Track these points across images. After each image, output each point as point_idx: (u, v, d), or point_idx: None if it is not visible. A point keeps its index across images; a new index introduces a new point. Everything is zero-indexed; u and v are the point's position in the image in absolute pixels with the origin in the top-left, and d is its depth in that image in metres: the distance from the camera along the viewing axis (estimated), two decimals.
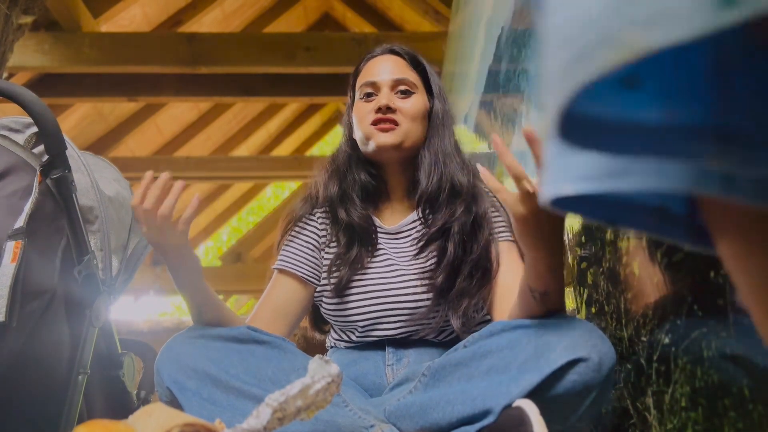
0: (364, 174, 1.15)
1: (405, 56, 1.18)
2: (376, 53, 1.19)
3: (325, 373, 0.74)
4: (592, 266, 1.15)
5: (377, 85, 1.14)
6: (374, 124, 1.11)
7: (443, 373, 0.91)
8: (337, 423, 0.87)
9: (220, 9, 4.15)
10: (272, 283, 1.16)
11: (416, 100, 1.14)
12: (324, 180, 1.18)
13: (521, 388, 0.79)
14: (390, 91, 1.13)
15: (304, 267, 1.15)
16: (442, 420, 0.85)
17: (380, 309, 1.09)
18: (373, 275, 1.12)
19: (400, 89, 1.14)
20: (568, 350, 0.79)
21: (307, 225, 1.19)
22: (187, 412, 0.89)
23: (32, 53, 3.22)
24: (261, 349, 0.95)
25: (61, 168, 1.04)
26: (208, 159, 4.93)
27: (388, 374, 1.07)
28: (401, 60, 1.18)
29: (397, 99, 1.12)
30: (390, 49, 1.19)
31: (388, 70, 1.15)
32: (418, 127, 1.13)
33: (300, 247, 1.17)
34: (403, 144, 1.11)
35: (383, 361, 1.09)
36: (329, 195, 1.16)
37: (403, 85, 1.14)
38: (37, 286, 0.97)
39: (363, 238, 1.13)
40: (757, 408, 0.66)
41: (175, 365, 0.92)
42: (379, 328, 1.09)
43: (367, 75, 1.16)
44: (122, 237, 1.20)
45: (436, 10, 3.68)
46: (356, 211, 1.13)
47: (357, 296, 1.11)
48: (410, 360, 1.07)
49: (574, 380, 0.78)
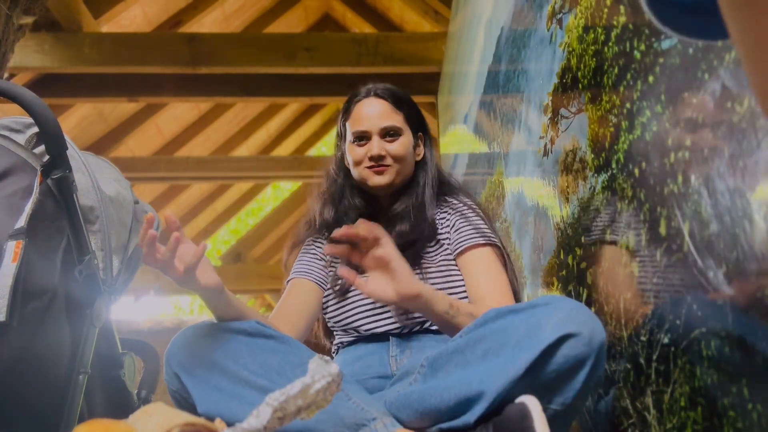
0: (359, 200, 1.30)
1: (389, 99, 1.30)
2: (362, 96, 1.31)
3: (325, 373, 0.74)
4: (592, 266, 1.15)
5: (368, 134, 1.27)
6: (369, 167, 1.26)
7: (441, 362, 0.94)
8: (339, 415, 0.89)
9: (220, 9, 4.15)
10: (288, 291, 1.27)
11: (402, 141, 1.28)
12: (320, 207, 1.33)
13: (517, 367, 0.82)
14: (379, 138, 1.26)
15: (315, 273, 1.28)
16: (440, 404, 0.87)
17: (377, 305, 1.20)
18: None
19: (388, 133, 1.27)
20: (558, 327, 0.81)
21: (312, 245, 1.33)
22: (194, 398, 0.93)
23: (33, 53, 3.22)
24: (269, 342, 0.99)
25: (62, 168, 1.04)
26: (208, 159, 4.93)
27: (392, 365, 1.14)
28: (386, 104, 1.29)
29: (386, 144, 1.26)
30: (374, 91, 1.31)
31: (377, 116, 1.28)
32: (406, 163, 1.28)
33: (309, 260, 1.31)
34: (395, 181, 1.27)
35: (387, 352, 1.16)
36: (325, 220, 1.30)
37: (391, 130, 1.27)
38: (37, 286, 0.97)
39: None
40: (756, 408, 0.66)
41: (184, 352, 0.96)
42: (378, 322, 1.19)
43: (357, 122, 1.28)
44: (123, 237, 1.20)
45: (436, 10, 3.68)
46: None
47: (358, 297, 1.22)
48: (413, 351, 1.14)
49: (566, 354, 0.81)
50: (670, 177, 0.84)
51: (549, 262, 1.44)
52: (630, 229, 0.97)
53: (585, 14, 1.16)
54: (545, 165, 1.44)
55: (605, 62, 1.05)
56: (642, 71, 0.92)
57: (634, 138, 0.95)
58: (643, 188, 0.93)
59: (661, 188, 0.87)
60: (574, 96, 1.22)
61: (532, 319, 0.85)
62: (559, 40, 1.30)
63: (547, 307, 0.86)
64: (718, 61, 0.72)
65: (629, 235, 0.98)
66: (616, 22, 1.01)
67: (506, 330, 0.88)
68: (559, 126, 1.33)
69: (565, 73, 1.27)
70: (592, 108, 1.12)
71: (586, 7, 1.15)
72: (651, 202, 0.90)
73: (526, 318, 0.86)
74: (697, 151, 0.77)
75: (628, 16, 0.98)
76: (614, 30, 1.02)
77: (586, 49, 1.14)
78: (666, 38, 0.85)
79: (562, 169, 1.31)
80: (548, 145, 1.41)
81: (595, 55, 1.10)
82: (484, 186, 2.25)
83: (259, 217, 8.41)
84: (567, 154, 1.27)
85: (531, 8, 1.54)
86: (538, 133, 1.49)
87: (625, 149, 0.98)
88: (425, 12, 3.75)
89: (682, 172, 0.81)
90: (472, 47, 2.42)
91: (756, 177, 0.65)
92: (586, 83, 1.15)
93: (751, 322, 0.67)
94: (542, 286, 1.50)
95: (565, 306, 0.85)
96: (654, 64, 0.88)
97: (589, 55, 1.13)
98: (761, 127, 0.64)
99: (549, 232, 1.43)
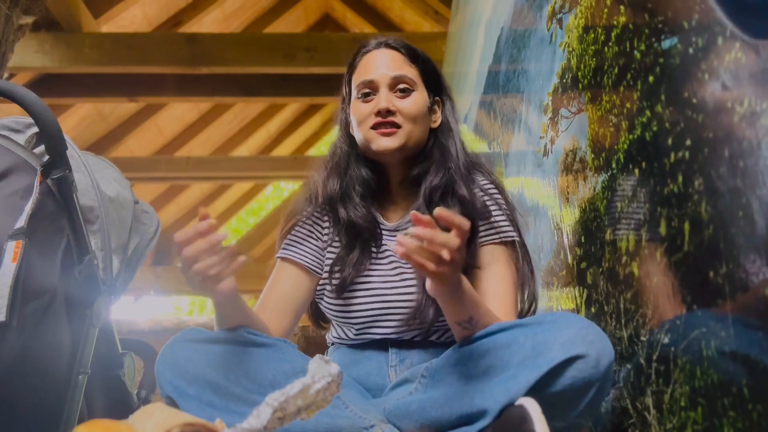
0: (365, 170, 1.12)
1: (402, 50, 1.13)
2: (371, 47, 1.14)
3: (325, 373, 0.74)
4: (592, 266, 1.15)
5: (375, 84, 1.09)
6: (374, 127, 1.07)
7: (442, 373, 0.91)
8: (337, 425, 0.87)
9: (220, 9, 4.15)
10: (276, 272, 1.14)
11: (416, 98, 1.10)
12: (323, 178, 1.15)
13: (519, 386, 0.79)
14: (388, 90, 1.09)
15: (307, 257, 1.14)
16: (441, 418, 0.85)
17: (379, 308, 1.08)
18: (375, 273, 1.11)
19: (399, 88, 1.09)
20: (565, 348, 0.79)
21: (310, 222, 1.17)
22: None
23: (33, 54, 3.22)
24: (260, 351, 0.94)
25: (62, 168, 1.04)
26: (208, 159, 4.93)
27: (391, 375, 1.07)
28: (398, 54, 1.12)
29: (396, 99, 1.08)
30: (386, 42, 1.14)
31: (385, 66, 1.10)
32: (420, 126, 1.10)
33: (303, 239, 1.15)
34: (406, 146, 1.08)
35: (386, 362, 1.08)
36: (329, 193, 1.13)
37: (402, 83, 1.09)
38: (37, 286, 0.97)
39: (365, 238, 1.11)
40: (756, 408, 0.66)
41: (174, 370, 0.90)
42: (378, 327, 1.08)
43: (364, 72, 1.11)
44: (123, 237, 1.20)
45: (436, 11, 3.68)
46: (357, 210, 1.11)
47: (359, 295, 1.09)
48: (413, 361, 1.07)
49: (573, 377, 0.78)
50: (670, 177, 0.84)
51: (548, 262, 1.44)
52: (630, 229, 0.97)
53: (585, 14, 1.15)
54: (545, 165, 1.44)
55: (605, 62, 1.05)
56: (642, 71, 0.92)
57: (634, 138, 0.95)
58: (643, 188, 0.93)
59: (661, 188, 0.86)
60: (574, 96, 1.22)
61: (539, 336, 0.82)
62: (559, 40, 1.30)
63: (554, 325, 0.83)
64: (718, 61, 0.72)
65: (629, 235, 0.98)
66: (616, 22, 1.01)
67: (511, 346, 0.84)
68: (559, 126, 1.33)
69: (565, 73, 1.27)
70: (592, 108, 1.12)
71: (586, 7, 1.15)
72: (651, 202, 0.90)
73: (532, 335, 0.83)
74: (697, 151, 0.77)
75: (628, 16, 0.98)
76: (614, 30, 1.02)
77: (586, 49, 1.14)
78: (666, 38, 0.85)
79: (562, 169, 1.31)
80: (548, 145, 1.41)
81: (595, 55, 1.10)
82: None
83: (259, 217, 8.41)
84: (567, 154, 1.27)
85: (531, 8, 1.54)
86: (538, 133, 1.49)
87: (625, 149, 0.98)
88: (425, 12, 3.75)
89: (682, 172, 0.81)
90: (472, 47, 2.42)
91: (756, 177, 0.65)
92: (586, 83, 1.15)
93: (752, 322, 0.67)
94: (542, 286, 1.50)
95: (573, 325, 0.82)
96: (654, 64, 0.88)
97: (589, 55, 1.13)
98: (761, 127, 0.64)
99: (549, 232, 1.43)
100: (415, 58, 1.13)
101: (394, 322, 1.07)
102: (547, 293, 1.47)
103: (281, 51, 3.42)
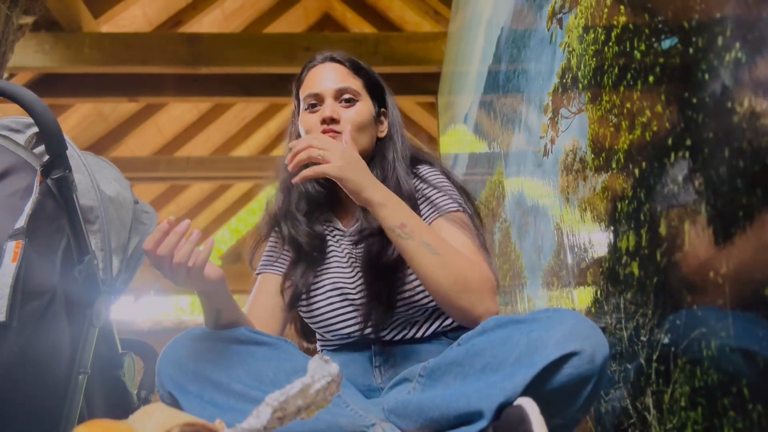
0: (311, 185, 1.18)
1: (346, 63, 1.19)
2: (317, 62, 1.21)
3: (325, 373, 0.74)
4: (592, 266, 1.15)
5: (320, 96, 1.15)
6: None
7: (439, 372, 0.92)
8: (338, 423, 0.88)
9: (220, 9, 4.15)
10: (258, 286, 1.19)
11: (360, 107, 1.15)
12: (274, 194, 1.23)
13: (515, 385, 0.79)
14: (334, 100, 1.14)
15: (283, 267, 1.19)
16: (440, 418, 0.86)
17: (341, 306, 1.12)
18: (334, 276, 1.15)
19: (343, 98, 1.15)
20: (560, 344, 0.79)
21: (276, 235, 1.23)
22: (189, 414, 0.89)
23: (33, 53, 3.22)
24: (262, 350, 0.96)
25: (62, 168, 1.04)
26: (208, 159, 4.93)
27: (377, 376, 1.09)
28: (342, 68, 1.18)
29: (341, 108, 1.13)
30: (330, 57, 1.20)
31: (330, 79, 1.16)
32: (364, 134, 1.14)
33: (274, 252, 1.21)
34: None
35: (371, 362, 1.11)
36: (273, 211, 1.20)
37: (347, 93, 1.15)
38: (37, 286, 0.97)
39: (309, 253, 1.16)
40: (756, 408, 0.66)
41: (176, 368, 0.92)
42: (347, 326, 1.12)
43: (310, 86, 1.17)
44: (123, 237, 1.20)
45: (436, 11, 3.68)
46: (300, 227, 1.16)
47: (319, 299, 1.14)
48: (397, 360, 1.09)
49: (569, 373, 0.78)
50: (670, 177, 0.84)
51: (548, 262, 1.44)
52: (630, 229, 0.97)
53: (585, 14, 1.16)
54: (545, 165, 1.44)
55: (605, 62, 1.05)
56: (642, 71, 0.92)
57: (634, 138, 0.95)
58: (643, 188, 0.93)
59: (661, 188, 0.86)
60: (574, 96, 1.22)
61: (534, 333, 0.82)
62: (559, 40, 1.30)
63: (549, 321, 0.83)
64: (718, 61, 0.72)
65: (629, 234, 0.98)
66: (616, 22, 1.01)
67: (506, 343, 0.85)
68: (559, 126, 1.33)
69: (565, 73, 1.27)
70: (592, 108, 1.12)
71: (586, 7, 1.15)
72: (651, 202, 0.90)
73: (527, 332, 0.83)
74: (697, 151, 0.77)
75: (628, 16, 0.98)
76: (614, 30, 1.02)
77: (586, 49, 1.14)
78: (666, 38, 0.85)
79: (562, 169, 1.31)
80: (548, 145, 1.41)
81: (595, 55, 1.10)
82: (484, 186, 2.24)
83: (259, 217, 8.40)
84: (567, 154, 1.27)
85: (531, 8, 1.54)
86: (538, 133, 1.49)
87: (625, 149, 0.98)
88: (425, 12, 3.75)
89: (682, 173, 0.81)
90: (472, 47, 2.42)
91: (756, 177, 0.65)
92: (586, 83, 1.15)
93: (752, 322, 0.67)
94: (542, 287, 1.50)
95: (567, 321, 0.82)
96: (654, 64, 0.88)
97: (589, 55, 1.13)
98: (761, 126, 0.64)
99: (549, 232, 1.43)
100: (358, 70, 1.19)
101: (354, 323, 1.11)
102: (547, 293, 1.47)
103: (281, 51, 3.42)
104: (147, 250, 0.85)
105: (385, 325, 1.10)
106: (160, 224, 0.85)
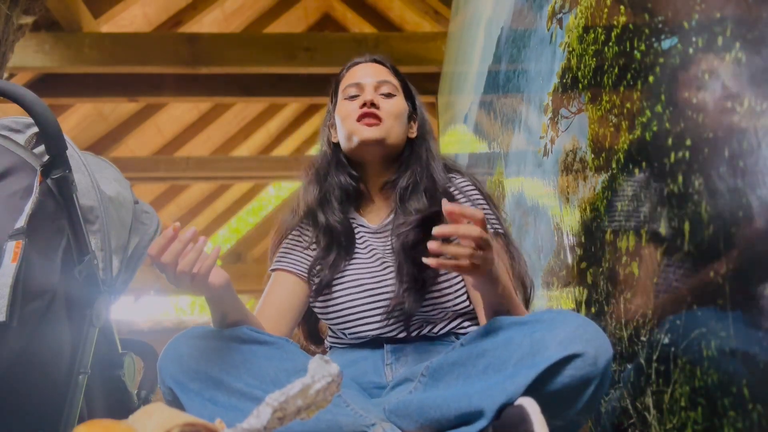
0: (344, 176, 1.19)
1: (387, 65, 1.26)
2: (360, 61, 1.27)
3: (325, 373, 0.74)
4: (592, 266, 1.15)
5: (361, 86, 1.20)
6: (359, 120, 1.15)
7: (441, 372, 0.92)
8: (338, 422, 0.88)
9: (220, 9, 4.15)
10: (271, 284, 1.19)
11: (398, 101, 1.20)
12: (305, 185, 1.23)
13: (517, 386, 0.79)
14: (374, 90, 1.19)
15: (298, 265, 1.19)
16: (441, 418, 0.86)
17: (363, 303, 1.12)
18: (358, 271, 1.15)
19: (383, 91, 1.20)
20: (562, 346, 0.78)
21: (297, 232, 1.23)
22: (189, 412, 0.89)
23: (33, 54, 3.22)
24: (263, 349, 0.96)
25: (62, 168, 1.04)
26: (208, 159, 4.93)
27: (387, 374, 1.08)
28: (383, 67, 1.25)
29: (380, 98, 1.18)
30: (372, 58, 1.27)
31: (372, 73, 1.22)
32: (400, 126, 1.18)
33: (292, 249, 1.21)
34: (386, 140, 1.15)
35: (382, 360, 1.10)
36: (309, 200, 1.20)
37: (386, 87, 1.20)
38: (37, 286, 0.97)
39: (342, 241, 1.16)
40: (756, 408, 0.66)
41: (177, 366, 0.92)
42: (366, 323, 1.11)
43: (351, 78, 1.23)
44: (123, 237, 1.20)
45: (436, 11, 3.68)
46: (335, 214, 1.17)
47: (344, 292, 1.13)
48: (409, 359, 1.08)
49: (571, 375, 0.78)
50: (670, 177, 0.84)
51: (548, 262, 1.44)
52: (630, 229, 0.97)
53: (585, 14, 1.16)
54: (545, 165, 1.44)
55: (605, 62, 1.05)
56: (642, 71, 0.92)
57: (634, 138, 0.95)
58: (643, 188, 0.93)
59: (661, 188, 0.86)
60: (574, 96, 1.22)
61: (536, 334, 0.82)
62: (559, 40, 1.30)
63: (551, 323, 0.83)
64: (718, 61, 0.72)
65: (629, 234, 0.98)
66: (616, 22, 1.01)
67: (508, 345, 0.85)
68: (559, 126, 1.33)
69: (565, 73, 1.27)
70: (592, 108, 1.12)
71: (586, 7, 1.15)
72: (651, 202, 0.90)
73: (529, 333, 0.83)
74: (697, 151, 0.77)
75: (628, 16, 0.98)
76: (614, 30, 1.02)
77: (586, 49, 1.14)
78: (666, 38, 0.85)
79: (562, 169, 1.31)
80: (548, 145, 1.41)
81: (595, 55, 1.10)
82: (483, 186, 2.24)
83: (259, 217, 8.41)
84: (567, 154, 1.27)
85: (531, 8, 1.54)
86: (538, 133, 1.49)
87: (625, 149, 0.98)
88: (425, 12, 3.75)
89: (682, 172, 0.81)
90: (472, 47, 2.42)
91: (756, 177, 0.65)
92: (586, 83, 1.15)
93: (752, 322, 0.67)
94: (542, 287, 1.50)
95: (570, 322, 0.82)
96: (654, 64, 0.88)
97: (589, 55, 1.13)
98: (761, 127, 0.64)
99: (549, 232, 1.43)
100: (397, 73, 1.26)
101: (379, 317, 1.11)
102: (547, 293, 1.47)
103: (281, 51, 3.42)
104: (152, 255, 0.86)
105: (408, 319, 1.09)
106: (166, 230, 0.85)
